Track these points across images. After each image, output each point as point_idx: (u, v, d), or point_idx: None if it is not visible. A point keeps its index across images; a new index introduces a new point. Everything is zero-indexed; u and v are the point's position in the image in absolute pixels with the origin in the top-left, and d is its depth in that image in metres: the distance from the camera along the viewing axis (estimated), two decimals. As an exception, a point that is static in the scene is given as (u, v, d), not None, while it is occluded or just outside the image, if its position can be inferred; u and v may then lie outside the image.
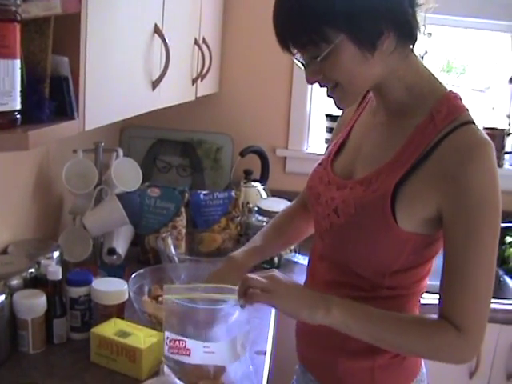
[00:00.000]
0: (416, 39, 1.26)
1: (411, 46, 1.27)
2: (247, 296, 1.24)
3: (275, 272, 1.30)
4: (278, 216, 1.75)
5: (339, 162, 1.45)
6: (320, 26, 1.17)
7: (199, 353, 1.31)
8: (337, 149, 1.48)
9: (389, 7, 1.19)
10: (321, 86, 1.30)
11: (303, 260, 2.45)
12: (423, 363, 1.48)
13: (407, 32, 1.23)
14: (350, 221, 1.31)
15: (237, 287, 1.28)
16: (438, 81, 1.32)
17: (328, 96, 1.31)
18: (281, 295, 1.25)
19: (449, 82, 3.10)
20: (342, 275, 1.38)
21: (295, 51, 1.25)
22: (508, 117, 2.96)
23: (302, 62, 1.28)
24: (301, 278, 1.56)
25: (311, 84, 1.30)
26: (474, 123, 1.24)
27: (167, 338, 1.31)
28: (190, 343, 1.31)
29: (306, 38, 1.19)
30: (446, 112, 1.25)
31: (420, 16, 1.25)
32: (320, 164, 1.50)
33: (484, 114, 3.05)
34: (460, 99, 1.29)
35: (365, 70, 1.24)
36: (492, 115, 3.02)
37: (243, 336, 1.35)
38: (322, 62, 1.21)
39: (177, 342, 1.31)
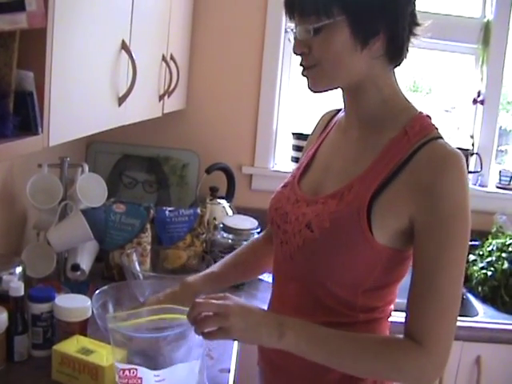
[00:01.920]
0: (401, 59, 1.33)
1: (394, 64, 1.33)
2: (198, 326, 1.20)
3: (228, 298, 1.24)
4: (241, 247, 1.75)
5: (306, 181, 1.45)
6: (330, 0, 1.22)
7: (150, 382, 1.28)
8: (302, 170, 1.48)
9: (393, 14, 1.25)
10: (301, 64, 1.32)
11: (267, 278, 2.45)
12: None
13: (398, 46, 1.29)
14: (325, 235, 1.29)
15: (184, 308, 1.25)
16: (410, 102, 1.37)
17: (302, 75, 1.33)
18: (237, 328, 1.19)
19: (415, 102, 3.14)
20: (314, 298, 1.36)
21: (296, 19, 1.28)
22: (471, 137, 3.01)
23: (294, 33, 1.30)
24: (265, 295, 1.56)
25: (297, 54, 1.31)
26: (442, 138, 1.28)
27: (117, 368, 1.28)
28: (140, 371, 1.27)
29: (313, 6, 1.23)
30: (419, 128, 1.29)
31: (411, 43, 1.32)
32: (285, 186, 1.49)
33: (449, 134, 3.09)
34: (430, 119, 1.34)
35: (349, 61, 1.27)
36: (457, 135, 3.07)
37: (198, 359, 1.33)
38: (314, 35, 1.24)
39: (126, 372, 1.27)
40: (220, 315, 1.19)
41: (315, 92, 1.34)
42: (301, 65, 1.31)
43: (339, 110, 1.53)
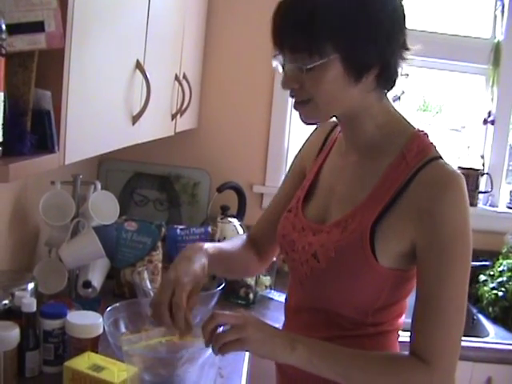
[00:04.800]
0: (394, 86, 1.31)
1: (387, 91, 1.32)
2: (216, 340, 1.21)
3: (245, 314, 1.26)
4: (229, 243, 1.68)
5: (311, 207, 1.45)
6: (323, 39, 1.19)
7: None
8: (305, 193, 1.48)
9: (386, 48, 1.23)
10: (292, 96, 1.30)
11: (278, 296, 2.46)
12: None
13: (391, 76, 1.28)
14: (331, 264, 1.31)
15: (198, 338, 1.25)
16: (406, 121, 1.36)
17: (295, 108, 1.32)
18: (254, 339, 1.21)
19: (425, 121, 3.15)
20: (326, 318, 1.38)
21: (285, 54, 1.26)
22: (482, 157, 3.01)
23: (282, 66, 1.28)
24: (276, 314, 1.57)
25: (286, 89, 1.29)
26: (442, 158, 1.28)
27: None
28: None
29: (305, 45, 1.21)
30: (417, 150, 1.28)
31: (401, 68, 1.30)
32: (289, 211, 1.49)
33: (459, 153, 3.10)
34: (428, 137, 1.33)
35: (343, 96, 1.26)
36: (467, 155, 3.08)
37: (211, 379, 1.34)
38: (307, 72, 1.22)
39: None
40: (238, 326, 1.21)
41: (308, 124, 1.35)
42: (291, 96, 1.30)
43: (335, 125, 1.52)
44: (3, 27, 0.97)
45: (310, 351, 1.23)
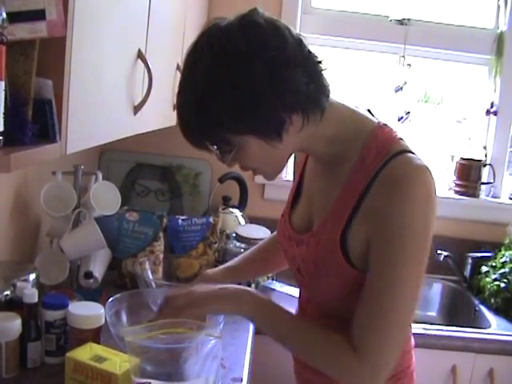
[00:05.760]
0: (325, 105, 1.24)
1: (321, 110, 1.24)
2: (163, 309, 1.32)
3: (193, 286, 1.37)
4: (261, 242, 1.79)
5: (297, 214, 1.47)
6: (222, 134, 1.20)
7: None
8: (292, 196, 1.50)
9: (285, 96, 1.16)
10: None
11: (280, 287, 2.45)
12: None
13: (313, 106, 1.21)
14: (313, 278, 1.35)
15: (197, 322, 1.30)
16: (362, 117, 1.32)
17: (251, 172, 1.33)
18: (202, 299, 1.30)
19: (426, 113, 3.15)
20: (332, 310, 1.40)
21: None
22: (484, 148, 3.00)
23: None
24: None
25: (230, 167, 1.32)
26: (405, 151, 1.24)
27: (133, 381, 1.31)
28: None
29: (210, 143, 1.24)
30: (376, 151, 1.25)
31: (325, 80, 1.23)
32: (282, 215, 1.52)
33: (461, 145, 3.09)
34: (389, 130, 1.29)
35: (277, 154, 1.25)
36: (469, 146, 3.07)
37: (213, 371, 1.34)
38: (233, 157, 1.25)
39: None
40: (187, 293, 1.32)
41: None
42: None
43: None
44: (4, 15, 0.96)
45: (255, 309, 1.29)
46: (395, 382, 1.41)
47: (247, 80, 1.14)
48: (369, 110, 1.36)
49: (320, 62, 1.22)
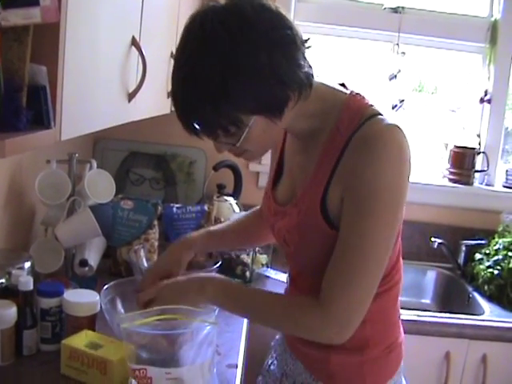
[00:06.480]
0: (312, 81, 1.26)
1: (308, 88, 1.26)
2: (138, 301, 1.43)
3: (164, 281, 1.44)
4: (244, 214, 1.82)
5: (280, 189, 1.48)
6: (236, 114, 1.19)
7: (161, 380, 1.30)
8: (274, 173, 1.51)
9: (295, 74, 1.19)
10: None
11: (275, 274, 2.46)
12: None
13: (308, 83, 1.24)
14: (299, 247, 1.37)
15: (192, 308, 1.35)
16: (336, 91, 1.34)
17: (236, 156, 1.34)
18: (168, 292, 1.40)
19: (421, 102, 3.15)
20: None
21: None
22: (478, 136, 3.01)
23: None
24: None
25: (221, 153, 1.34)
26: (376, 115, 1.26)
27: (130, 367, 1.31)
28: (150, 371, 1.29)
29: (220, 130, 1.23)
30: (348, 119, 1.27)
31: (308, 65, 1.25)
32: (266, 193, 1.53)
33: (455, 134, 3.10)
34: (361, 98, 1.32)
35: (274, 132, 1.28)
36: (463, 135, 3.07)
37: (209, 357, 1.35)
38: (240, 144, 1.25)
39: (137, 372, 1.29)
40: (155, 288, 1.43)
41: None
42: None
43: None
44: (-3, 1, 0.96)
45: (216, 291, 1.35)
46: (387, 354, 1.43)
47: (265, 59, 1.15)
48: (343, 84, 1.38)
49: (306, 41, 1.25)
